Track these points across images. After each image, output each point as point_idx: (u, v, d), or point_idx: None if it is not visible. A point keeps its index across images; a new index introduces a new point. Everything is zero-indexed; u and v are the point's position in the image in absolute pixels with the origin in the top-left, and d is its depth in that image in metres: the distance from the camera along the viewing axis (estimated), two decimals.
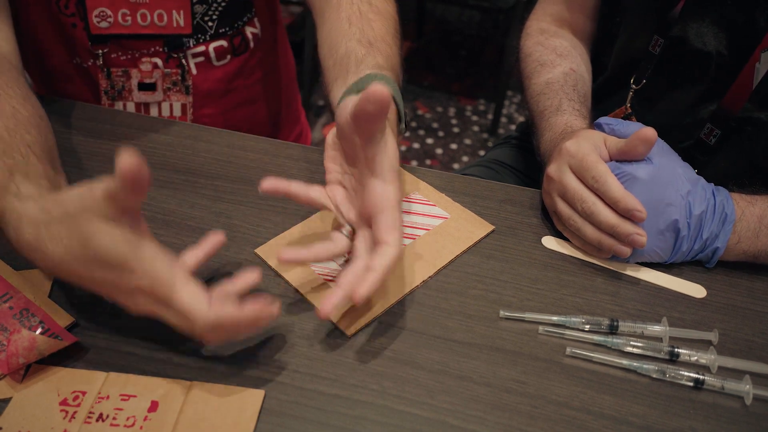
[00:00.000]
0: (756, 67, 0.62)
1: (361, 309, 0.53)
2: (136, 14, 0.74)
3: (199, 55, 0.80)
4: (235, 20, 0.80)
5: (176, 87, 0.81)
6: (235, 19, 0.80)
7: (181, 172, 0.66)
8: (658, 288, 0.57)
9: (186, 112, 0.83)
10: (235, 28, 0.80)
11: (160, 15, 0.75)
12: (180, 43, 0.78)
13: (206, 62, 0.81)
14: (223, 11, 0.78)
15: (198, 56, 0.80)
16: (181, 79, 0.80)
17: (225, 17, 0.79)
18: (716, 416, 0.47)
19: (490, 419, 0.46)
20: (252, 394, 0.47)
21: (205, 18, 0.77)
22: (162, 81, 0.80)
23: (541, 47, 0.79)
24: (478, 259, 0.59)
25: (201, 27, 0.78)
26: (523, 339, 0.52)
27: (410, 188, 0.66)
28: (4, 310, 0.50)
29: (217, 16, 0.78)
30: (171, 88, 0.81)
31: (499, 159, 0.93)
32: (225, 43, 0.80)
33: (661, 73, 0.70)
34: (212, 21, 0.78)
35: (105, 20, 0.74)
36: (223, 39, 0.80)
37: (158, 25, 0.76)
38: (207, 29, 0.78)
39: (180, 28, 0.76)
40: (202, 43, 0.79)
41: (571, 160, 0.57)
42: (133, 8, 0.74)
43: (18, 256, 0.47)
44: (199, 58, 0.80)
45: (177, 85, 0.81)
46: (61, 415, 0.45)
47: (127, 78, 0.79)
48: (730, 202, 0.57)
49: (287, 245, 0.58)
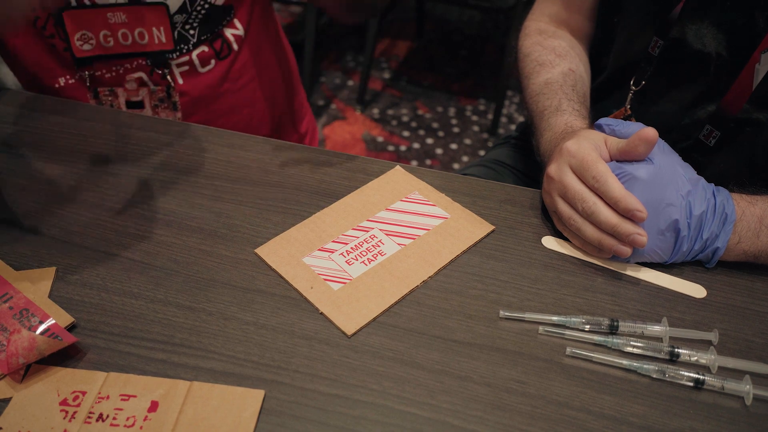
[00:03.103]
0: (756, 68, 0.62)
1: (361, 309, 0.53)
2: (117, 34, 0.75)
3: (184, 64, 0.80)
4: (216, 25, 0.80)
5: (164, 104, 0.82)
6: (216, 23, 0.80)
7: (181, 172, 0.66)
8: (658, 288, 0.57)
9: None
10: (214, 32, 0.80)
11: (140, 33, 0.75)
12: (163, 59, 0.79)
13: (192, 70, 0.81)
14: (203, 18, 0.78)
15: (182, 66, 0.80)
16: (167, 96, 0.81)
17: (206, 23, 0.79)
18: (716, 416, 0.47)
19: (490, 419, 0.46)
20: (252, 394, 0.47)
21: (186, 26, 0.78)
22: (149, 99, 0.81)
23: (539, 47, 0.78)
24: (478, 259, 0.59)
25: (183, 37, 0.78)
26: (523, 339, 0.52)
27: (410, 188, 0.66)
28: (4, 310, 0.50)
29: (198, 23, 0.78)
30: (159, 105, 0.82)
31: (499, 159, 0.93)
32: (206, 48, 0.80)
33: (660, 74, 0.70)
34: (193, 29, 0.78)
35: (87, 42, 0.74)
36: (204, 45, 0.80)
37: (140, 44, 0.76)
38: (189, 38, 0.79)
39: (162, 44, 0.77)
40: (185, 54, 0.79)
41: (571, 159, 0.57)
42: (113, 29, 0.75)
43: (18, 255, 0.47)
44: (184, 67, 0.80)
45: (164, 102, 0.82)
46: (61, 415, 0.45)
47: (114, 97, 0.80)
48: (730, 202, 0.57)
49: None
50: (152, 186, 0.64)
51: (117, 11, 0.73)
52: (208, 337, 0.51)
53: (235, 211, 0.62)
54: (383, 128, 2.07)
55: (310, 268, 0.56)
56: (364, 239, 0.59)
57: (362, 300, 0.54)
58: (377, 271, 0.56)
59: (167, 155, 0.68)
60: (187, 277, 0.55)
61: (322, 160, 0.69)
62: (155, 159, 0.67)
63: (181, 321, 0.52)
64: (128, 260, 0.57)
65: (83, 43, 0.75)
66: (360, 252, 0.58)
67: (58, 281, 0.54)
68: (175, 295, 0.54)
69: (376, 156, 1.92)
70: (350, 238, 0.59)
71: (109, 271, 0.56)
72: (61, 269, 0.55)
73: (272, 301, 0.54)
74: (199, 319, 0.52)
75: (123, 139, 0.70)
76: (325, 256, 0.58)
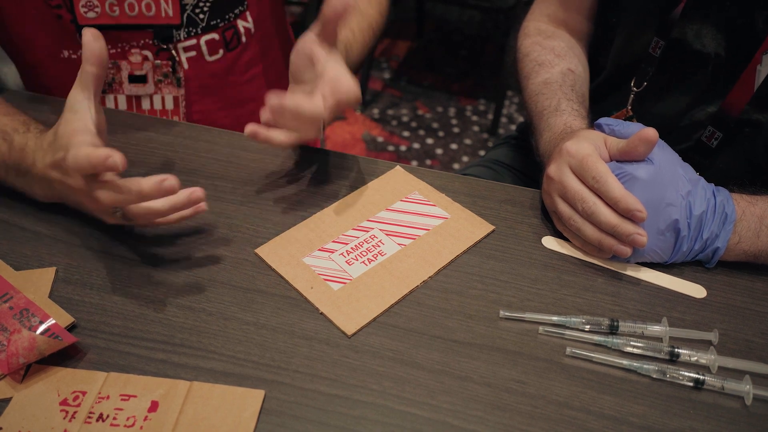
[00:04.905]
0: (758, 69, 0.62)
1: (361, 309, 0.53)
2: (123, 4, 0.74)
3: (191, 49, 0.79)
4: (227, 12, 0.80)
5: (167, 79, 0.80)
6: (226, 11, 0.79)
7: (181, 172, 0.66)
8: (658, 288, 0.57)
9: (179, 105, 0.82)
10: (227, 20, 0.80)
11: (147, 5, 0.74)
12: (169, 34, 0.78)
13: (198, 57, 0.80)
14: (213, 3, 0.78)
15: (189, 50, 0.79)
16: (172, 71, 0.80)
17: (216, 9, 0.78)
18: (716, 416, 0.47)
19: (490, 419, 0.46)
20: (252, 394, 0.47)
21: (196, 10, 0.77)
22: (153, 73, 0.79)
23: (539, 47, 0.78)
24: (478, 259, 0.59)
25: (192, 20, 0.77)
26: (523, 339, 0.52)
27: (410, 188, 0.66)
28: (4, 310, 0.50)
29: (208, 8, 0.78)
30: (162, 81, 0.80)
31: (499, 159, 0.93)
32: (217, 36, 0.80)
33: (661, 75, 0.70)
34: (203, 13, 0.78)
35: (92, 10, 0.73)
36: (214, 32, 0.80)
37: (146, 15, 0.75)
38: (198, 22, 0.78)
39: (168, 18, 0.76)
40: (192, 36, 0.79)
41: (571, 160, 0.57)
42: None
43: (18, 255, 0.47)
44: (191, 52, 0.80)
45: (168, 77, 0.80)
46: (61, 415, 0.45)
47: (117, 70, 0.79)
48: (730, 202, 0.57)
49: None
50: None
51: None
52: (209, 337, 0.51)
53: (235, 211, 0.62)
54: (383, 128, 2.07)
55: (310, 268, 0.56)
56: (364, 239, 0.59)
57: (362, 300, 0.54)
58: (377, 271, 0.56)
59: (167, 155, 0.68)
60: (187, 277, 0.55)
61: (322, 160, 0.69)
62: (155, 159, 0.67)
63: (181, 321, 0.52)
64: (128, 260, 0.57)
65: (88, 10, 0.73)
66: (360, 252, 0.58)
67: (58, 281, 0.54)
68: (175, 295, 0.54)
69: (376, 156, 1.92)
70: (350, 238, 0.59)
71: (109, 271, 0.56)
72: (61, 269, 0.55)
73: (272, 302, 0.54)
74: (199, 319, 0.52)
75: (123, 139, 0.70)
76: (325, 256, 0.58)
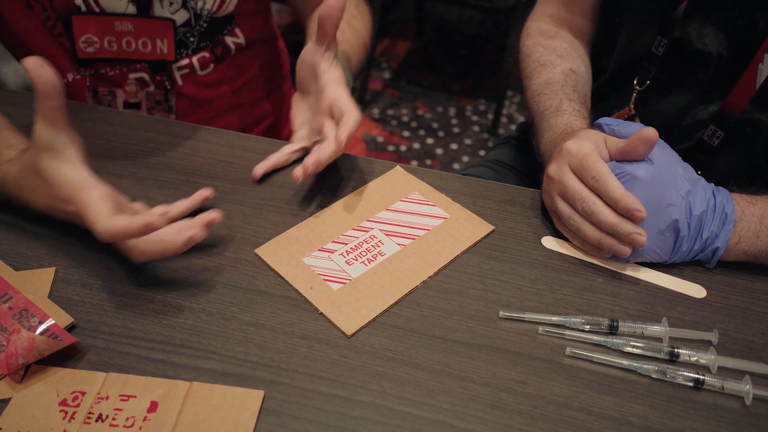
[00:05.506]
0: (759, 68, 0.62)
1: (361, 309, 0.53)
2: (121, 41, 0.77)
3: (184, 68, 0.82)
4: (216, 35, 0.82)
5: (159, 106, 0.83)
6: (216, 33, 0.82)
7: (181, 172, 0.66)
8: (658, 288, 0.57)
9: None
10: (215, 40, 0.82)
11: (144, 43, 0.77)
12: (163, 65, 0.80)
13: (191, 73, 0.83)
14: (204, 31, 0.80)
15: (183, 69, 0.82)
16: (164, 99, 0.82)
17: (206, 34, 0.81)
18: (716, 416, 0.47)
19: (490, 419, 0.46)
20: (252, 394, 0.47)
21: (187, 35, 0.79)
22: (146, 101, 0.82)
23: (541, 47, 0.78)
24: (478, 259, 0.59)
25: (183, 43, 0.80)
26: (523, 339, 0.52)
27: (410, 188, 0.66)
28: (4, 310, 0.50)
29: (198, 34, 0.80)
30: (155, 107, 0.83)
31: (499, 159, 0.93)
32: (207, 54, 0.82)
33: (664, 73, 0.70)
34: (194, 37, 0.80)
35: (91, 45, 0.76)
36: (204, 51, 0.82)
37: (143, 52, 0.78)
38: (189, 44, 0.80)
39: (163, 54, 0.79)
40: (185, 57, 0.81)
41: (571, 159, 0.57)
42: (119, 36, 0.76)
43: (18, 255, 0.47)
44: (184, 70, 0.82)
45: (160, 104, 0.83)
46: (61, 415, 0.45)
47: (113, 97, 0.82)
48: (730, 202, 0.56)
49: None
50: (152, 186, 0.64)
51: (125, 21, 0.75)
52: (208, 338, 0.51)
53: (235, 211, 0.62)
54: (383, 128, 2.07)
55: (309, 269, 0.56)
56: (363, 239, 0.59)
57: (362, 300, 0.54)
58: (377, 271, 0.56)
59: (167, 155, 0.68)
60: (187, 278, 0.55)
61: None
62: (155, 159, 0.67)
63: (181, 321, 0.52)
64: (128, 261, 0.57)
65: (87, 45, 0.76)
66: (360, 252, 0.58)
67: (58, 281, 0.54)
68: (175, 296, 0.54)
69: (376, 156, 1.92)
70: (350, 239, 0.59)
71: (108, 271, 0.56)
72: (61, 269, 0.55)
73: (272, 302, 0.54)
74: (199, 320, 0.52)
75: (123, 139, 0.70)
76: (324, 256, 0.58)
